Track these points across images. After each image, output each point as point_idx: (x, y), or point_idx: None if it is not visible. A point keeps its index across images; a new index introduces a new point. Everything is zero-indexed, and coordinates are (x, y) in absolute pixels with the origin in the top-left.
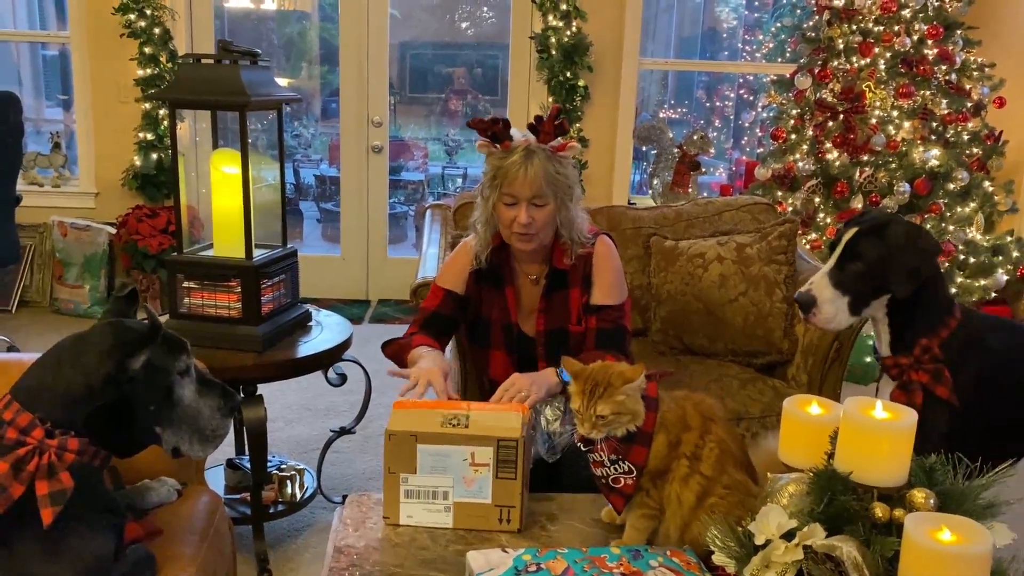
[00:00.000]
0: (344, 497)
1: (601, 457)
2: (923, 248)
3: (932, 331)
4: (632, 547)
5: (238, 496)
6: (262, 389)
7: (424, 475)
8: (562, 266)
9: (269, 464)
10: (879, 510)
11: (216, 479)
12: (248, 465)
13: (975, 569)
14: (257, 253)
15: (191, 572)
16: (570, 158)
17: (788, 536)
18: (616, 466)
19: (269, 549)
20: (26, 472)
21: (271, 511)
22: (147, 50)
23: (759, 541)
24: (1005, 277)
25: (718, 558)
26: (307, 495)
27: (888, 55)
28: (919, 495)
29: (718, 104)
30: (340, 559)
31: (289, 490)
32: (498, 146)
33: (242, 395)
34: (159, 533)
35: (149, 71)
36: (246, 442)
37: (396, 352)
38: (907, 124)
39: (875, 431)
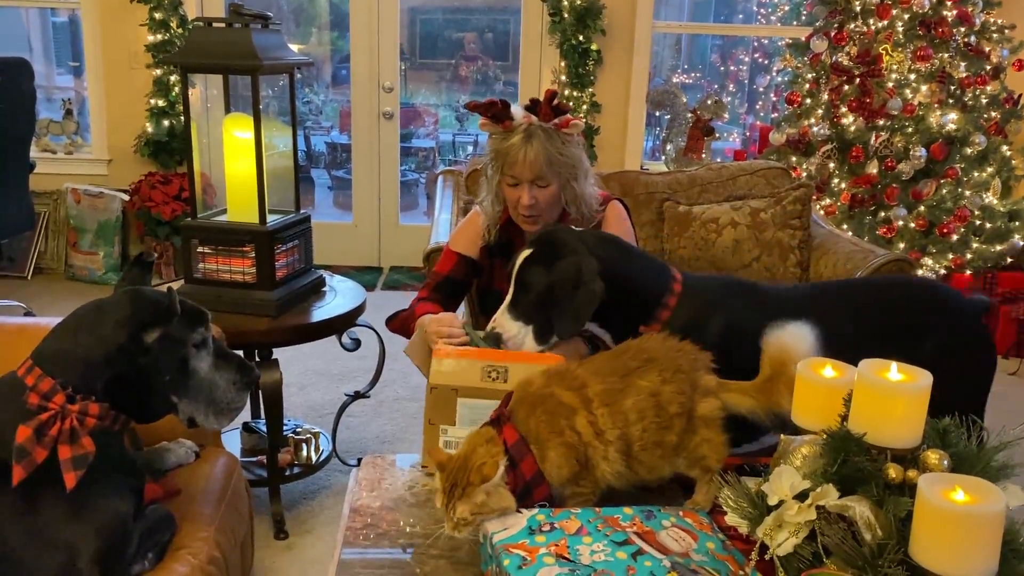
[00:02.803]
0: (359, 460)
1: None
2: (585, 292)
3: (650, 318)
4: (645, 507)
5: (254, 459)
6: (277, 354)
7: (463, 427)
8: None
9: (285, 428)
10: (893, 471)
11: (232, 442)
12: (264, 428)
13: (988, 529)
14: (271, 218)
15: (210, 532)
16: (574, 135)
17: (801, 497)
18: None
19: (285, 511)
20: (49, 437)
21: (287, 473)
22: (157, 15)
23: (772, 502)
24: (1021, 242)
25: (731, 518)
26: (322, 458)
27: (906, 17)
28: (933, 456)
29: (732, 68)
30: (356, 519)
31: (305, 453)
32: (499, 126)
33: (257, 359)
34: (177, 493)
35: (160, 37)
36: (262, 406)
37: (401, 325)
38: (924, 88)
39: (890, 393)
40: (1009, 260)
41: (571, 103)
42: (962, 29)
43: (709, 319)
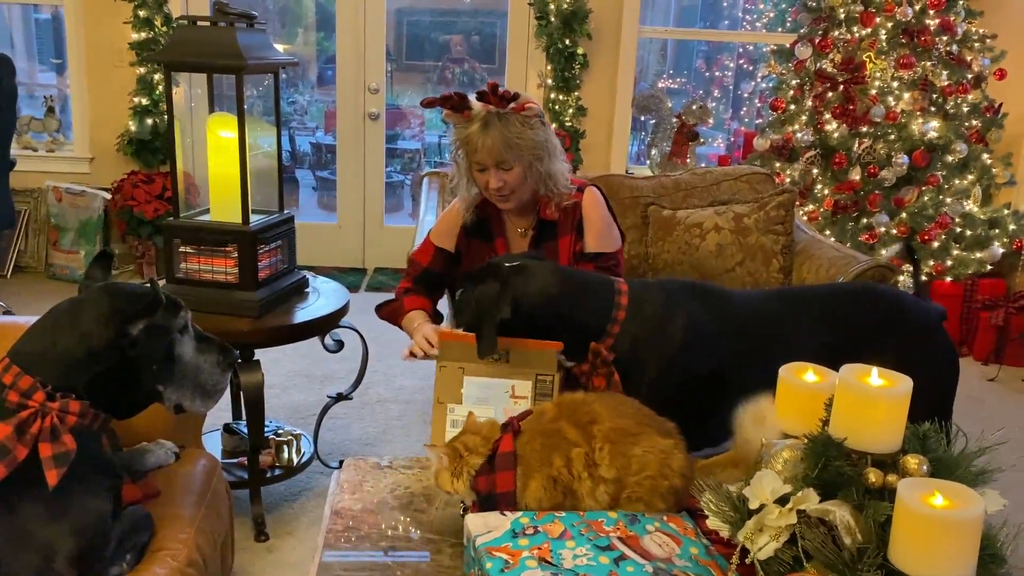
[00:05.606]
0: (341, 462)
1: None
2: (489, 314)
3: (602, 334)
4: (629, 512)
5: (235, 460)
6: (259, 355)
7: (469, 405)
8: (548, 217)
9: (266, 429)
10: (873, 475)
11: (213, 443)
12: (245, 430)
13: (966, 534)
14: (254, 218)
15: (189, 533)
16: (533, 117)
17: (782, 501)
18: None
19: (266, 513)
20: (29, 435)
21: (268, 475)
22: (141, 13)
23: (753, 506)
24: (1001, 250)
25: (712, 522)
26: (304, 460)
27: (889, 25)
28: (912, 461)
29: (717, 74)
30: (337, 522)
31: (286, 455)
32: (460, 115)
33: (239, 360)
34: (157, 494)
35: (144, 35)
36: (243, 407)
37: (390, 315)
38: (907, 95)
39: (870, 398)
40: (989, 267)
41: (557, 106)
42: (944, 38)
43: (665, 326)
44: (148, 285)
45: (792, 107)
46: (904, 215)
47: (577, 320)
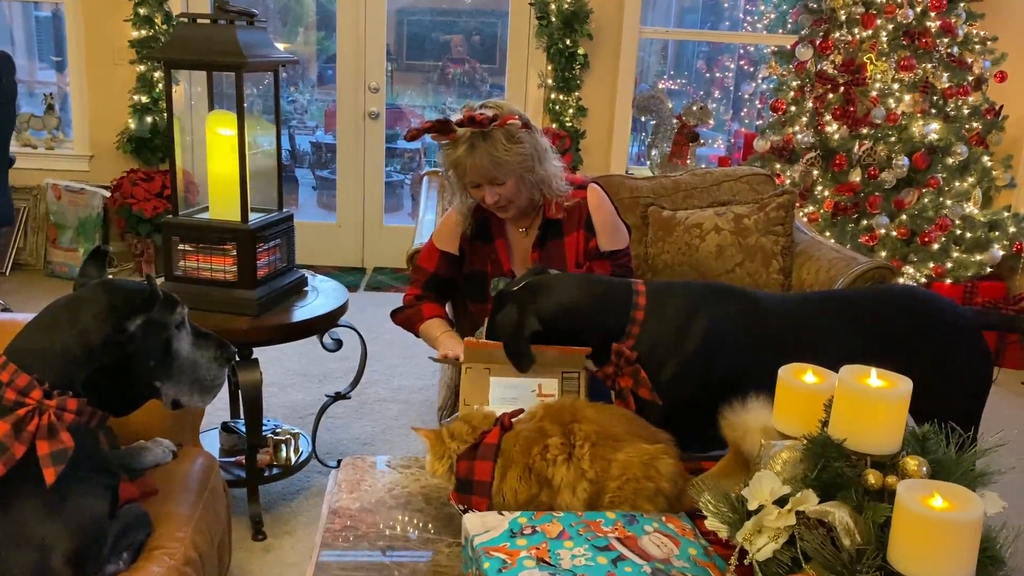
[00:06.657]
0: (339, 461)
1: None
2: (519, 332)
3: (621, 334)
4: (628, 512)
5: (232, 459)
6: (258, 354)
7: (496, 406)
8: (552, 216)
9: (264, 428)
10: (872, 477)
11: (211, 442)
12: (243, 428)
13: (965, 536)
14: (253, 217)
15: (187, 531)
16: (518, 129)
17: (781, 502)
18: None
19: (264, 512)
20: (27, 432)
21: (266, 474)
22: (142, 11)
23: (752, 507)
24: (1001, 252)
25: (710, 523)
26: (302, 459)
27: (890, 27)
28: (912, 463)
29: (718, 75)
30: (335, 521)
31: (284, 454)
32: (447, 137)
33: (237, 358)
34: (154, 493)
35: (144, 33)
36: (241, 406)
37: (406, 321)
38: (907, 97)
39: (870, 399)
40: (989, 270)
41: (557, 107)
42: (945, 40)
43: (685, 326)
44: (144, 281)
45: (792, 108)
46: (904, 217)
47: (596, 322)
